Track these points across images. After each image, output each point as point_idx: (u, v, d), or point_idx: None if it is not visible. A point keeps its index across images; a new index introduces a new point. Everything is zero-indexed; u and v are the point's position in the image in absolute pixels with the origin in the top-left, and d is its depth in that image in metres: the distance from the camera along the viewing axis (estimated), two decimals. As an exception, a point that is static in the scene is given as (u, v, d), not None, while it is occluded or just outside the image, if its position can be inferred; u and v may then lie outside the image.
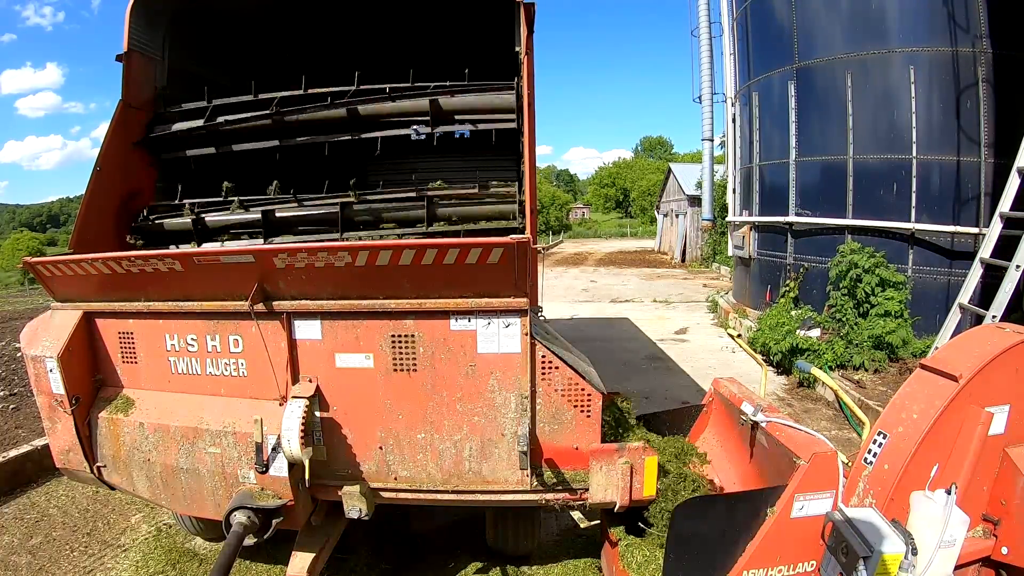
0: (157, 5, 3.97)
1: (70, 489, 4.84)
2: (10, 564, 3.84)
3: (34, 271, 3.01)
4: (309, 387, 2.79)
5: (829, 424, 6.22)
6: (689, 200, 26.90)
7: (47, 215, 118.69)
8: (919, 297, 7.50)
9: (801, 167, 8.94)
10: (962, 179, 7.37)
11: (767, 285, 9.86)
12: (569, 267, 25.84)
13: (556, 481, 2.87)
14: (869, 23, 7.87)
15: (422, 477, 2.89)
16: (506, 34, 3.75)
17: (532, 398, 2.75)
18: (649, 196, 55.80)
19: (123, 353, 3.09)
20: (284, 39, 4.75)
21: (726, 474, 3.25)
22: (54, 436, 3.16)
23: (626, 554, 2.98)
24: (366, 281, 2.65)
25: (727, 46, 11.90)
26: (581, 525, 4.28)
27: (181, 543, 4.08)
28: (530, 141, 3.40)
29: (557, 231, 57.09)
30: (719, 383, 3.55)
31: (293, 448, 2.60)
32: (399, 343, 2.74)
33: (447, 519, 4.32)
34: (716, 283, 18.35)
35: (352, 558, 3.83)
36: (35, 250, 44.01)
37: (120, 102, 3.86)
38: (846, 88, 8.07)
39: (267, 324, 2.80)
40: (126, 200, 3.89)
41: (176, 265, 2.72)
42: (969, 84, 7.24)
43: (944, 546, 2.37)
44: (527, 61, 3.44)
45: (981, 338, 2.69)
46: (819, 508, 2.44)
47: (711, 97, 17.30)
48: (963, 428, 2.53)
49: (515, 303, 2.65)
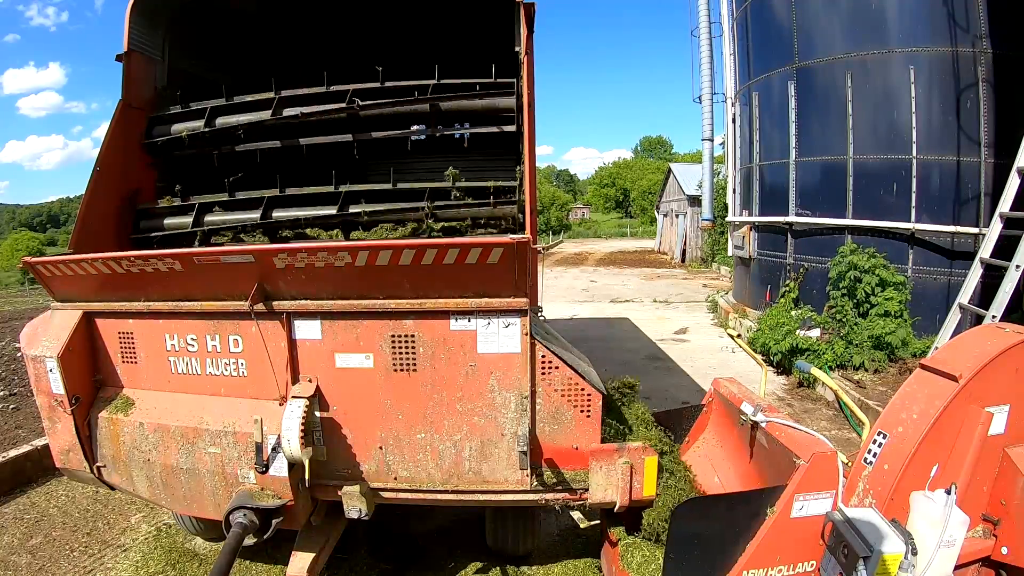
0: (157, 5, 3.96)
1: (70, 489, 4.84)
2: (10, 564, 3.84)
3: (34, 271, 3.01)
4: (309, 387, 2.79)
5: (829, 424, 6.22)
6: (689, 200, 26.89)
7: (47, 215, 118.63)
8: (919, 297, 7.50)
9: (801, 167, 8.94)
10: (962, 179, 7.37)
11: (767, 285, 9.86)
12: (569, 267, 25.84)
13: (556, 481, 2.87)
14: (869, 23, 7.87)
15: (422, 477, 2.89)
16: (506, 34, 3.75)
17: (532, 398, 2.75)
18: (649, 196, 55.85)
19: (123, 353, 3.09)
20: (284, 39, 4.75)
21: (726, 474, 3.25)
22: (54, 436, 3.16)
23: (626, 554, 2.98)
24: (366, 281, 2.65)
25: (727, 46, 11.89)
26: (581, 525, 4.28)
27: (181, 543, 4.08)
28: (530, 141, 3.40)
29: (557, 231, 57.10)
30: (719, 383, 3.55)
31: (293, 448, 2.60)
32: (399, 343, 2.74)
33: (447, 519, 4.33)
34: (716, 283, 18.35)
35: (352, 558, 3.83)
36: (35, 250, 44.02)
37: (120, 102, 3.85)
38: (846, 88, 8.07)
39: (267, 324, 2.80)
40: (126, 200, 3.89)
41: (176, 265, 2.72)
42: (969, 84, 7.24)
43: (944, 546, 2.37)
44: (527, 61, 3.44)
45: (981, 338, 2.69)
46: (819, 508, 2.44)
47: (711, 97, 17.26)
48: (963, 428, 2.53)
49: (515, 303, 2.65)
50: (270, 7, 4.41)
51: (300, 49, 4.80)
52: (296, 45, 4.78)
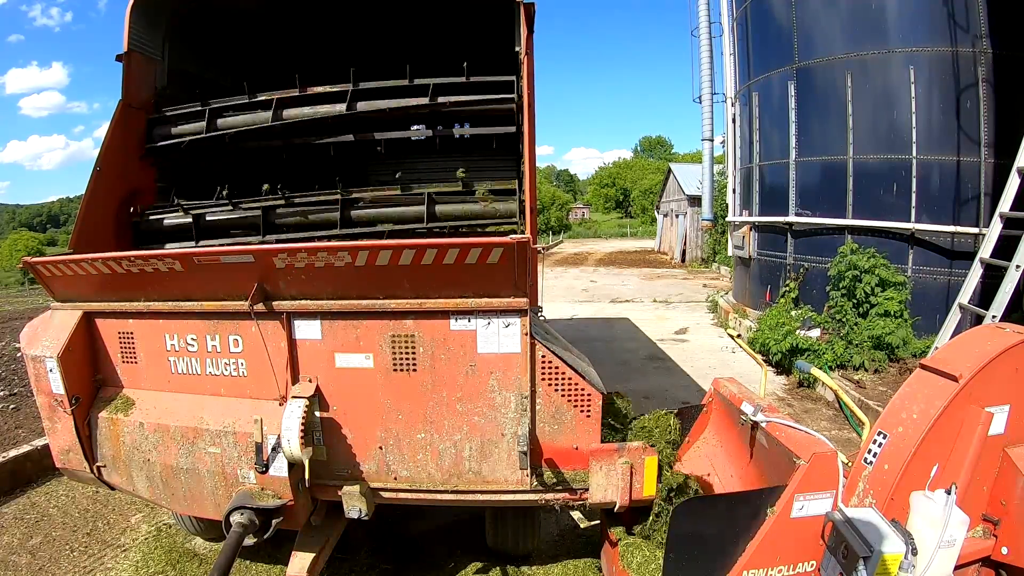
0: (157, 5, 3.96)
1: (70, 489, 4.84)
2: (10, 564, 3.84)
3: (34, 271, 3.01)
4: (309, 387, 2.79)
5: (829, 424, 6.21)
6: (689, 200, 26.88)
7: (47, 215, 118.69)
8: (919, 297, 7.50)
9: (801, 167, 8.94)
10: (962, 179, 7.37)
11: (767, 285, 9.86)
12: (569, 267, 25.83)
13: (556, 481, 2.87)
14: (869, 23, 7.87)
15: (422, 477, 2.89)
16: (506, 34, 3.75)
17: (532, 398, 2.75)
18: (649, 196, 55.80)
19: (123, 353, 3.09)
20: (284, 39, 4.75)
21: (726, 474, 3.25)
22: (54, 436, 3.16)
23: (626, 554, 2.98)
24: (366, 281, 2.65)
25: (727, 46, 11.89)
26: (581, 525, 4.28)
27: (181, 543, 4.08)
28: (530, 141, 3.40)
29: (557, 231, 57.10)
30: (719, 383, 3.55)
31: (293, 448, 2.60)
32: (399, 343, 2.74)
33: (447, 519, 4.32)
34: (716, 283, 18.35)
35: (352, 558, 3.83)
36: (35, 250, 44.03)
37: (120, 102, 3.85)
38: (846, 88, 8.07)
39: (267, 324, 2.80)
40: (126, 200, 3.89)
41: (176, 265, 2.72)
42: (969, 84, 7.24)
43: (944, 546, 2.37)
44: (527, 61, 3.44)
45: (981, 338, 2.69)
46: (819, 508, 2.44)
47: (711, 97, 17.29)
48: (963, 428, 2.53)
49: (515, 303, 2.65)
50: (270, 7, 4.41)
51: (300, 49, 4.79)
52: (296, 45, 4.78)
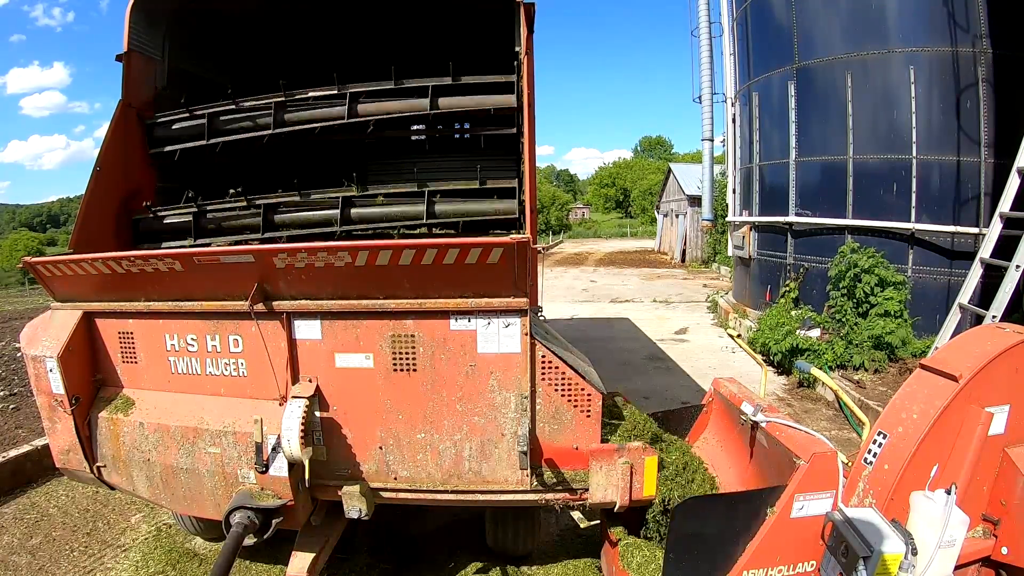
0: (157, 5, 3.96)
1: (70, 489, 4.84)
2: (10, 564, 3.84)
3: (34, 271, 3.01)
4: (309, 387, 2.79)
5: (829, 424, 6.22)
6: (689, 200, 26.87)
7: (47, 215, 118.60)
8: (919, 297, 7.50)
9: (801, 167, 8.94)
10: (962, 179, 7.37)
11: (767, 285, 9.86)
12: (569, 267, 25.83)
13: (556, 481, 2.87)
14: (869, 23, 7.87)
15: (422, 477, 2.89)
16: (506, 34, 3.75)
17: (532, 398, 2.75)
18: (649, 196, 55.74)
19: (123, 353, 3.09)
20: (284, 39, 4.75)
21: (726, 474, 3.25)
22: (54, 436, 3.16)
23: (626, 554, 2.98)
24: (366, 281, 2.65)
25: (727, 46, 11.89)
26: (581, 525, 4.27)
27: (181, 543, 4.08)
28: (530, 141, 3.40)
29: (557, 231, 57.07)
30: (719, 383, 3.55)
31: (293, 448, 2.60)
32: (399, 343, 2.74)
33: (447, 519, 4.32)
34: (716, 283, 18.35)
35: (352, 558, 3.83)
36: (35, 250, 44.03)
37: (120, 102, 3.85)
38: (846, 88, 8.07)
39: (267, 324, 2.80)
40: (126, 200, 3.89)
41: (176, 265, 2.72)
42: (969, 84, 7.24)
43: (944, 546, 2.37)
44: (527, 61, 3.44)
45: (981, 338, 2.69)
46: (819, 508, 2.44)
47: (711, 97, 17.25)
48: (963, 428, 2.53)
49: (515, 303, 2.65)
50: (270, 8, 4.41)
51: (300, 49, 4.80)
52: (295, 45, 4.78)
